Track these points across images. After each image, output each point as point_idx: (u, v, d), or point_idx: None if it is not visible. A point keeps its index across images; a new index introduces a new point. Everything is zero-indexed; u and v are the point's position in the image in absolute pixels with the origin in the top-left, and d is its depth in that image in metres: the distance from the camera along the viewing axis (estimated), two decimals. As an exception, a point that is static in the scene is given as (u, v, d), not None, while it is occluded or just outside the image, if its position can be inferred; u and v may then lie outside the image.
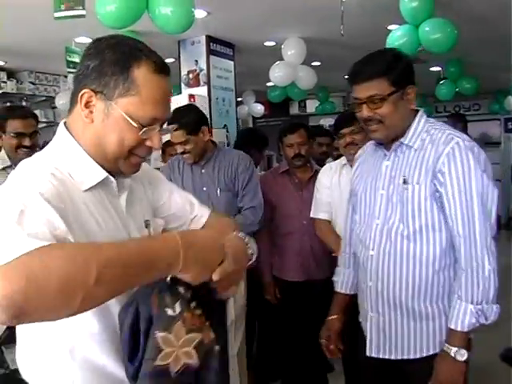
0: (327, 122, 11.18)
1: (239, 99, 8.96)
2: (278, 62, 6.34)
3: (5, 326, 2.67)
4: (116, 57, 1.27)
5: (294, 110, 12.18)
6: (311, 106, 11.04)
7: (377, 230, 2.10)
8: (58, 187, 1.22)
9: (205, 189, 3.23)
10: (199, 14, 5.01)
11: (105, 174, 1.34)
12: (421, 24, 4.59)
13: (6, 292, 0.91)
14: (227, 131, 6.16)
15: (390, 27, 5.43)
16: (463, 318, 1.87)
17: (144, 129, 1.29)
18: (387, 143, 2.09)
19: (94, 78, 1.27)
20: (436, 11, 4.59)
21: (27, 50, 6.26)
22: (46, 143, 1.43)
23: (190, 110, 3.38)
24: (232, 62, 6.51)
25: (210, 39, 6.09)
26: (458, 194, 1.89)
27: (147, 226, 1.48)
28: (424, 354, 2.04)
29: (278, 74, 6.32)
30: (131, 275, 1.06)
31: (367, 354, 2.15)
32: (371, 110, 1.97)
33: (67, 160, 1.32)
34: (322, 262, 3.46)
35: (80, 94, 1.28)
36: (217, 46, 6.21)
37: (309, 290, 3.51)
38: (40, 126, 7.30)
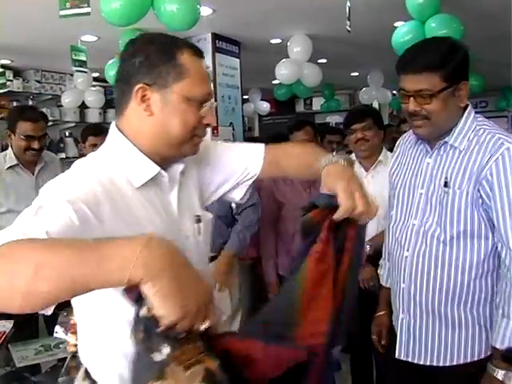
0: (333, 119, 11.19)
1: (245, 97, 8.96)
2: (283, 60, 6.33)
3: (11, 324, 2.68)
4: (160, 48, 1.36)
5: (300, 107, 12.15)
6: (317, 103, 11.01)
7: (413, 230, 1.99)
8: (101, 188, 1.26)
9: None
10: (205, 11, 4.99)
11: (157, 168, 1.40)
12: (427, 20, 4.56)
13: None
14: (233, 129, 6.15)
15: (396, 24, 5.40)
16: (510, 335, 1.75)
17: (203, 105, 1.39)
18: (431, 140, 1.98)
19: (145, 73, 1.35)
20: (442, 7, 4.56)
21: (33, 48, 6.27)
22: (52, 142, 1.45)
23: None
24: (238, 60, 6.50)
25: (216, 37, 6.09)
26: (508, 206, 1.76)
27: (198, 221, 1.53)
28: (454, 363, 1.94)
29: (283, 72, 6.31)
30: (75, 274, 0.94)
31: (396, 355, 2.07)
32: (418, 105, 1.85)
33: (121, 159, 1.38)
34: None
35: (135, 91, 1.35)
36: (222, 43, 6.20)
37: None
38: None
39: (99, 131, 4.55)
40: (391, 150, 2.73)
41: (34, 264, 0.92)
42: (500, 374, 1.75)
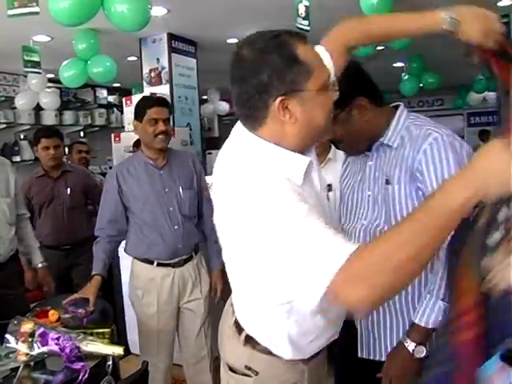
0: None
1: (204, 97, 8.91)
2: (240, 60, 6.30)
3: None
4: (279, 54, 1.36)
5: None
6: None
7: (361, 230, 2.04)
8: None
9: (167, 190, 3.15)
10: (159, 11, 4.95)
11: (308, 158, 1.49)
12: (380, 20, 4.59)
13: (368, 296, 1.14)
14: (190, 129, 6.11)
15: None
16: (430, 313, 1.81)
17: (329, 90, 1.44)
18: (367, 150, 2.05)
19: (278, 84, 1.36)
20: (395, 7, 4.60)
21: (-17, 49, 6.12)
22: (6, 145, 1.43)
23: None
24: (194, 60, 6.46)
25: (172, 37, 6.04)
26: None
27: (329, 190, 1.80)
28: None
29: (240, 72, 6.27)
30: (437, 235, 1.13)
31: (358, 355, 2.09)
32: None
33: (276, 162, 1.43)
34: None
35: (274, 104, 1.37)
36: (178, 43, 6.15)
37: None
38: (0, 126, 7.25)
39: (52, 133, 4.47)
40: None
41: (406, 251, 1.11)
42: (411, 346, 1.83)
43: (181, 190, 3.17)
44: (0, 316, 2.68)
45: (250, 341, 1.64)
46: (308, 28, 4.51)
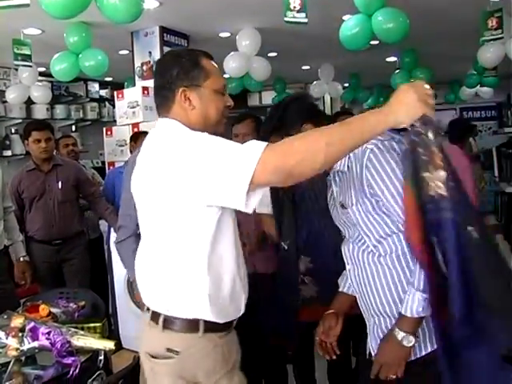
0: (285, 112, 11.15)
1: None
2: (232, 53, 6.29)
3: None
4: (188, 60, 1.90)
5: (253, 101, 12.10)
6: (268, 97, 10.98)
7: (349, 246, 2.17)
8: None
9: None
10: (151, 4, 4.92)
11: None
12: (374, 13, 4.60)
13: (279, 163, 1.61)
14: (183, 124, 6.08)
15: (344, 17, 5.43)
16: (412, 304, 1.89)
17: (222, 94, 1.94)
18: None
19: (183, 79, 1.88)
20: (388, 1, 4.60)
21: (-27, 41, 6.05)
22: None
23: None
24: (187, 54, 6.42)
25: (164, 30, 5.99)
26: (390, 196, 1.93)
27: None
28: (412, 358, 1.99)
29: (232, 66, 6.26)
30: (351, 138, 1.62)
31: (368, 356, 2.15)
32: None
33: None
34: (271, 256, 3.41)
35: (179, 94, 1.88)
36: (170, 37, 6.11)
37: (255, 282, 3.46)
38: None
39: (43, 126, 4.44)
40: None
41: (325, 139, 1.59)
42: (400, 335, 1.92)
43: None
44: (-10, 310, 2.67)
45: (168, 324, 1.88)
46: (305, 20, 4.47)
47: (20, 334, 2.34)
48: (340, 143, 1.60)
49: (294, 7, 4.34)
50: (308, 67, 9.30)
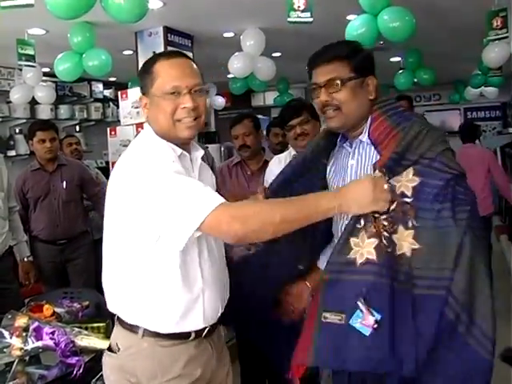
0: (289, 113, 11.15)
1: (200, 91, 8.86)
2: (236, 54, 6.28)
3: None
4: (144, 66, 1.94)
5: (257, 101, 12.11)
6: (271, 97, 10.99)
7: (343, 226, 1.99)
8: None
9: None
10: (155, 4, 4.91)
11: (179, 150, 1.89)
12: (379, 13, 4.58)
13: (227, 226, 1.65)
14: (188, 124, 6.07)
15: (348, 17, 5.42)
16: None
17: (173, 95, 1.83)
18: (349, 136, 2.04)
19: (141, 87, 1.93)
20: (394, 1, 4.58)
21: (-23, 41, 6.06)
22: (0, 140, 1.46)
23: None
24: (191, 54, 6.41)
25: (168, 30, 5.99)
26: None
27: None
28: None
29: (236, 66, 6.26)
30: (302, 218, 1.70)
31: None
32: (329, 95, 1.91)
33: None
34: None
35: (139, 101, 1.96)
36: (175, 37, 6.10)
37: None
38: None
39: (48, 126, 4.45)
40: None
41: (279, 216, 1.65)
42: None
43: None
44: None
45: (119, 321, 1.93)
46: (310, 20, 4.43)
47: (24, 334, 2.35)
48: (292, 221, 1.68)
49: (298, 7, 4.33)
50: (312, 67, 9.28)
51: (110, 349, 1.94)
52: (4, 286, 3.61)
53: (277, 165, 3.27)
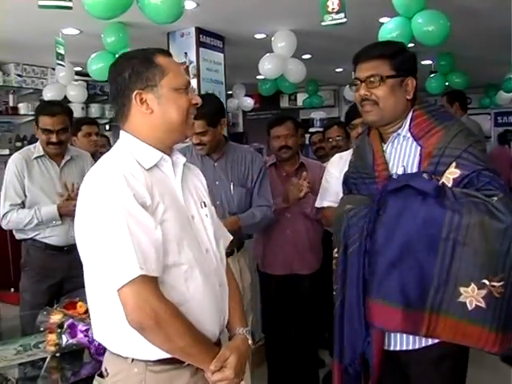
0: (318, 115, 11.15)
1: (229, 92, 8.90)
2: (267, 55, 6.29)
3: None
4: (139, 60, 1.70)
5: (285, 103, 12.12)
6: (301, 99, 10.98)
7: None
8: (132, 175, 1.62)
9: (217, 182, 3.10)
10: (189, 5, 4.94)
11: (160, 154, 1.73)
12: (413, 16, 4.55)
13: (141, 320, 1.53)
14: (217, 124, 6.08)
15: (381, 20, 5.38)
16: None
17: (185, 91, 1.73)
18: (383, 133, 2.12)
19: (136, 81, 1.68)
20: (428, 3, 4.54)
21: (14, 41, 6.15)
22: (33, 137, 1.49)
23: (211, 100, 3.17)
24: (222, 55, 6.44)
25: (200, 31, 6.02)
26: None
27: (204, 205, 1.85)
28: (423, 345, 2.01)
29: (267, 67, 6.27)
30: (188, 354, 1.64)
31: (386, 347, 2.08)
32: (368, 90, 2.01)
33: (132, 151, 1.70)
34: (307, 257, 3.41)
35: (133, 98, 1.68)
36: (206, 38, 6.14)
37: (294, 284, 3.45)
38: (27, 119, 7.30)
39: (93, 120, 4.55)
40: None
41: (179, 347, 1.60)
42: None
43: (232, 185, 3.11)
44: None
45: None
46: (345, 20, 4.38)
47: (58, 330, 2.36)
48: (182, 352, 1.62)
49: (333, 9, 4.31)
50: (341, 69, 9.26)
51: (100, 373, 1.76)
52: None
53: (337, 162, 3.23)
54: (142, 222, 1.56)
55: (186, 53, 6.04)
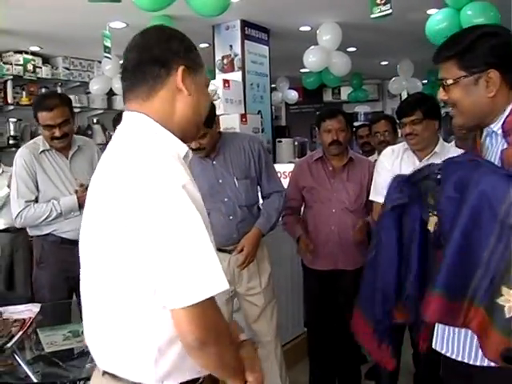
0: (362, 109, 11.06)
1: (273, 85, 8.90)
2: (312, 47, 6.26)
3: (38, 309, 2.69)
4: (187, 38, 1.48)
5: (328, 97, 12.05)
6: (345, 93, 10.90)
7: None
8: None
9: (220, 181, 3.06)
10: (234, -3, 4.95)
11: (186, 147, 1.47)
12: (463, 8, 4.46)
13: (205, 337, 1.27)
14: (261, 117, 6.10)
15: (429, 11, 5.30)
16: None
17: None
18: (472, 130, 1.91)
19: (183, 56, 1.43)
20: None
21: (62, 35, 6.28)
22: (79, 129, 1.45)
23: None
24: (267, 47, 6.44)
25: (245, 24, 6.05)
26: None
27: None
28: (485, 364, 1.70)
29: (312, 60, 6.24)
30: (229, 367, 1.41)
31: (432, 345, 1.90)
32: (445, 94, 1.80)
33: (161, 140, 1.42)
34: (352, 253, 3.38)
35: (178, 73, 1.41)
36: (251, 30, 6.15)
37: (338, 279, 3.43)
38: (75, 111, 7.42)
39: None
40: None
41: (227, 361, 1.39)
42: None
43: (235, 180, 3.07)
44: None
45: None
46: (391, 11, 4.32)
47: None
48: (225, 370, 1.42)
49: (381, 0, 4.26)
50: (386, 63, 9.16)
51: None
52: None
53: (389, 155, 3.20)
54: (206, 221, 1.32)
55: (231, 45, 6.06)
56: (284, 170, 4.54)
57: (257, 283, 3.15)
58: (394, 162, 3.13)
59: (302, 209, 3.59)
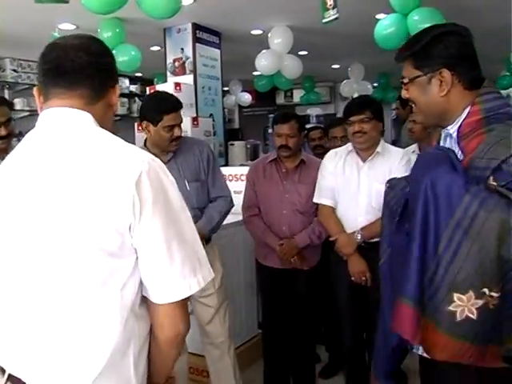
0: (314, 111, 11.17)
1: (225, 88, 8.91)
2: (264, 51, 6.30)
3: None
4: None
5: (280, 99, 12.14)
6: (297, 95, 10.99)
7: None
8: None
9: None
10: (185, 0, 4.94)
11: None
12: (409, 13, 4.56)
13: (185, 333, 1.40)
14: (213, 120, 6.10)
15: (377, 16, 5.40)
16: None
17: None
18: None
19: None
20: (424, 0, 4.55)
21: (9, 37, 6.15)
22: (26, 133, 1.42)
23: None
24: (218, 51, 6.44)
25: (196, 27, 6.02)
26: None
27: None
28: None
29: (263, 63, 6.28)
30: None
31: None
32: (407, 92, 1.83)
33: None
34: (305, 253, 3.41)
35: (114, 87, 1.50)
36: (203, 33, 6.14)
37: (291, 278, 3.46)
38: (22, 114, 7.30)
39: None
40: None
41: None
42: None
43: (186, 183, 3.11)
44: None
45: None
46: (337, 15, 4.40)
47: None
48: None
49: (330, 5, 4.32)
50: (338, 66, 9.28)
51: None
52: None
53: (332, 158, 3.27)
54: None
55: (182, 48, 6.05)
56: (236, 172, 4.56)
57: (210, 284, 3.16)
58: (338, 164, 3.22)
59: None
